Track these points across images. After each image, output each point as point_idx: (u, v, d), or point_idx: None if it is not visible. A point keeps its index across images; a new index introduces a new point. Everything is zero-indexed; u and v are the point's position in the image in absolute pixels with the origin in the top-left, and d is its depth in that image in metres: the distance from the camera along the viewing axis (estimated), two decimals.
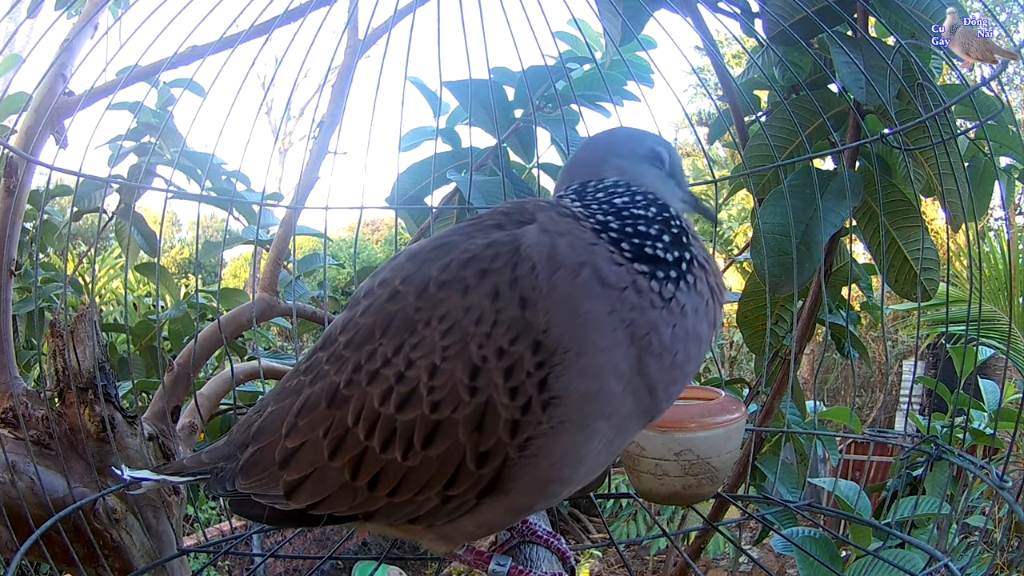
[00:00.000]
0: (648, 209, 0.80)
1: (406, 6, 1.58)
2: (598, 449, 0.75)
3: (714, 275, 0.81)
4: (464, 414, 0.71)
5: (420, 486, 0.75)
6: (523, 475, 0.73)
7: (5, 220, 1.71)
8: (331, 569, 4.38)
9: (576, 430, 0.72)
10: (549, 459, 0.73)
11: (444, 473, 0.74)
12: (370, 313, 0.79)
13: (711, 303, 0.79)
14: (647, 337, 0.72)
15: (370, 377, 0.76)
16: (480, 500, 0.75)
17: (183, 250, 8.26)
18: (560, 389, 0.70)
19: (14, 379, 1.63)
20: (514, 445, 0.72)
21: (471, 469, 0.73)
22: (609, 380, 0.71)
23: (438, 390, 0.72)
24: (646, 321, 0.72)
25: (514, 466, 0.73)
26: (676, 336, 0.74)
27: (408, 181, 1.81)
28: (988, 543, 2.72)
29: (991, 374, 3.69)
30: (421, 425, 0.73)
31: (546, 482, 0.76)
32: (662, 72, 1.65)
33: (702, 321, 0.77)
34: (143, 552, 1.56)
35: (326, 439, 0.78)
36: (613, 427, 0.75)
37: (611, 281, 0.72)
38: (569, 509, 5.52)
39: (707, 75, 5.20)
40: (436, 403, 0.72)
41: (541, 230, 0.75)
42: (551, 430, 0.71)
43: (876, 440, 1.57)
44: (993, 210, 3.92)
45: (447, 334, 0.72)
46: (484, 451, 0.72)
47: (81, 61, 1.79)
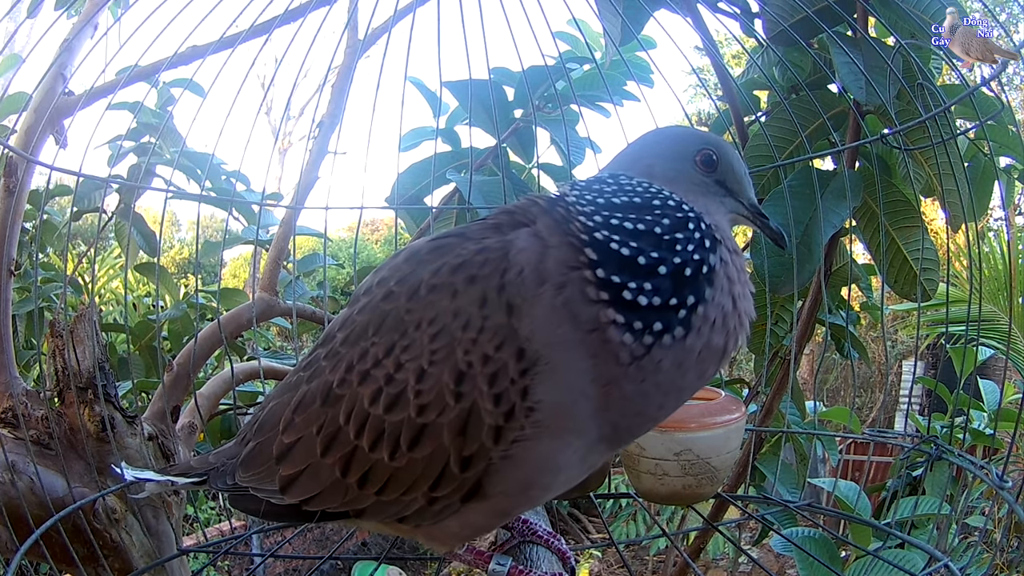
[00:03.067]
0: (656, 225, 0.72)
1: (406, 6, 1.58)
2: (574, 460, 0.75)
3: (742, 298, 0.75)
4: (449, 418, 0.71)
5: (406, 486, 0.76)
6: (504, 479, 0.74)
7: (5, 220, 1.71)
8: (331, 569, 4.38)
9: (554, 438, 0.72)
10: (529, 464, 0.73)
11: (429, 475, 0.74)
12: (366, 311, 0.79)
13: (718, 341, 0.72)
14: (607, 387, 0.70)
15: (361, 377, 0.76)
16: (465, 503, 0.76)
17: (183, 250, 8.26)
18: (540, 396, 0.69)
19: (14, 379, 1.63)
20: (497, 450, 0.71)
21: (455, 472, 0.73)
22: (579, 400, 0.70)
23: (425, 394, 0.72)
24: (607, 373, 0.69)
25: (496, 471, 0.73)
26: (642, 391, 0.71)
27: (408, 181, 1.81)
28: (988, 543, 2.72)
29: (991, 374, 3.69)
30: (408, 427, 0.73)
31: (526, 486, 0.76)
32: (662, 72, 1.65)
33: (688, 372, 0.72)
34: (143, 552, 1.56)
35: (319, 436, 0.79)
36: (584, 444, 0.74)
37: (581, 318, 0.68)
38: (569, 509, 5.52)
39: (707, 75, 5.20)
40: (423, 407, 0.72)
41: (533, 235, 0.73)
42: (532, 436, 0.71)
43: (876, 440, 1.57)
44: (993, 210, 3.92)
45: (435, 338, 0.72)
46: (468, 455, 0.72)
47: (81, 61, 1.79)
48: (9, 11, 1.75)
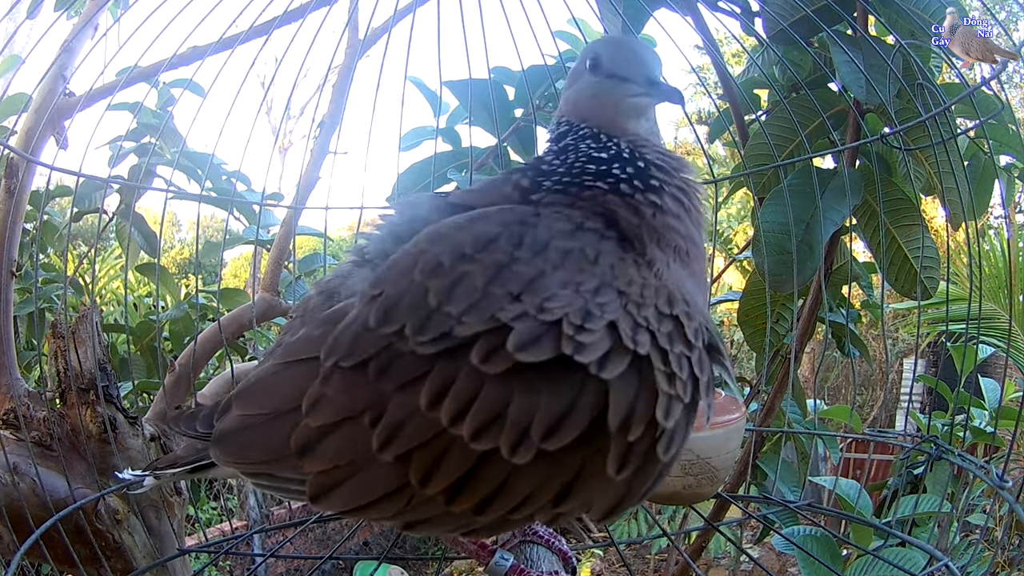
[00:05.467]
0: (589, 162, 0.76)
1: (406, 6, 1.58)
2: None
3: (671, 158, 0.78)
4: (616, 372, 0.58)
5: (523, 497, 0.58)
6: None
7: (5, 221, 1.71)
8: (332, 569, 4.38)
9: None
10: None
11: (563, 476, 0.58)
12: (421, 242, 0.68)
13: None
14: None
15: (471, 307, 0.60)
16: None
17: (183, 250, 8.25)
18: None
19: (15, 380, 1.63)
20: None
21: (608, 474, 0.57)
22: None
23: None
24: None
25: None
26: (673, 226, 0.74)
27: (408, 181, 1.81)
28: (989, 541, 2.71)
29: (991, 372, 3.68)
30: (556, 392, 0.57)
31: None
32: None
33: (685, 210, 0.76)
34: (144, 552, 1.56)
35: (377, 426, 0.60)
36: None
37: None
38: None
39: (707, 74, 5.19)
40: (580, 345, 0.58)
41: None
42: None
43: (877, 440, 1.57)
44: (993, 208, 3.91)
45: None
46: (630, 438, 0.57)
47: (81, 62, 1.79)
48: (9, 11, 1.76)
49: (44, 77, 1.73)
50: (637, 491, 0.61)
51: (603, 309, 0.60)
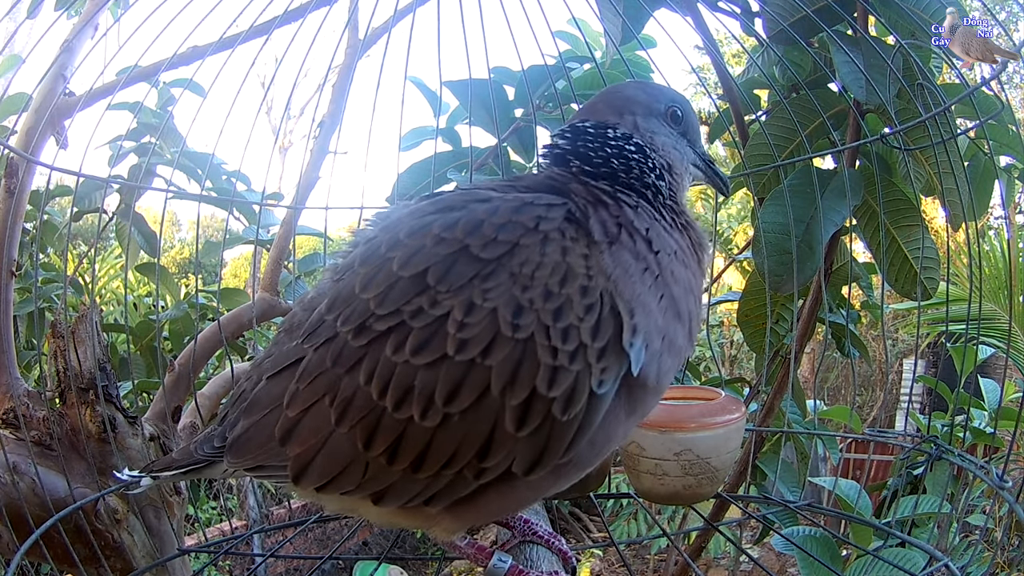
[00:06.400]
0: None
1: (406, 6, 1.58)
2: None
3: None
4: (498, 359, 0.68)
5: (447, 456, 0.70)
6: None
7: (5, 221, 1.71)
8: (332, 569, 4.38)
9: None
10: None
11: (474, 439, 0.69)
12: (371, 261, 0.75)
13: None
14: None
15: (398, 318, 0.70)
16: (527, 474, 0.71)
17: (183, 250, 8.26)
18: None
19: (15, 380, 1.63)
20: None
21: (510, 432, 0.68)
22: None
23: (470, 327, 0.68)
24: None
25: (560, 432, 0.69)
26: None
27: (408, 181, 1.81)
28: (989, 542, 2.71)
29: (991, 373, 3.68)
30: (448, 373, 0.68)
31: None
32: (662, 71, 1.65)
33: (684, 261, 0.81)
34: (144, 552, 1.56)
35: (333, 404, 0.73)
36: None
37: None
38: (570, 508, 5.52)
39: (707, 74, 5.19)
40: (464, 342, 0.68)
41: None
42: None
43: (876, 440, 1.57)
44: (993, 209, 3.91)
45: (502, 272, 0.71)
46: (520, 407, 0.68)
47: (81, 61, 1.79)
48: (9, 11, 1.76)
49: (44, 77, 1.73)
50: (555, 447, 0.70)
51: (486, 296, 0.69)
